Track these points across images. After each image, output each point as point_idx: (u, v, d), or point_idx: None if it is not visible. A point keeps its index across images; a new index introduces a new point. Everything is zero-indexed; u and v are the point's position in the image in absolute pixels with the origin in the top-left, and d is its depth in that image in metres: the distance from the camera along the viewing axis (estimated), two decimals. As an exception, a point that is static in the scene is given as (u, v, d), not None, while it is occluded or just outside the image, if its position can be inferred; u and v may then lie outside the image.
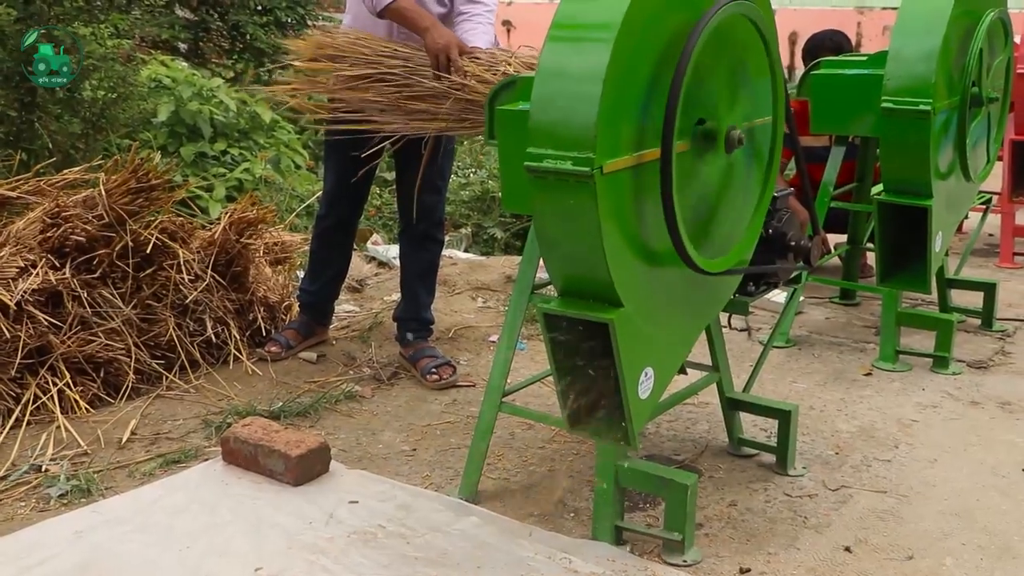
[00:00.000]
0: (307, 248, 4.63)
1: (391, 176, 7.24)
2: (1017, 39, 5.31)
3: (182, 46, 10.58)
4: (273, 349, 4.13)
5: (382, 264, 5.46)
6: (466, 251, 6.05)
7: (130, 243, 3.82)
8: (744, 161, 2.74)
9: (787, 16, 16.95)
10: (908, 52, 3.75)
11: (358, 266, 5.32)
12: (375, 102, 3.54)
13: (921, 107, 3.70)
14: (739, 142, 2.54)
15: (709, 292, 2.78)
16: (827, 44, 5.21)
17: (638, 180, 2.32)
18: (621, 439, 2.46)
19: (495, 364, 2.99)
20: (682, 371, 3.20)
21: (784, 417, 3.21)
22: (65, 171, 4.11)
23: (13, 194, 3.91)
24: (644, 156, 2.31)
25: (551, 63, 2.24)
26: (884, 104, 3.77)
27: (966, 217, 5.68)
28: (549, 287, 2.91)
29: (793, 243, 3.04)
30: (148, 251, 3.86)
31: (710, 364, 3.26)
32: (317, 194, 6.07)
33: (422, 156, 3.72)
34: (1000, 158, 5.72)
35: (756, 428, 3.51)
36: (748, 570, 2.68)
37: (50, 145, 5.33)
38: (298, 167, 7.39)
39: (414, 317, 4.11)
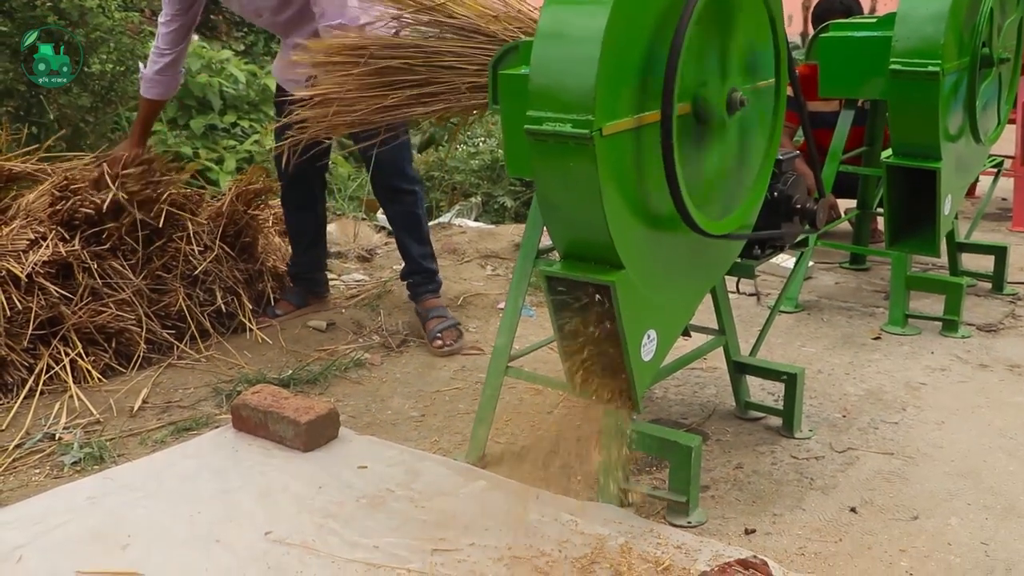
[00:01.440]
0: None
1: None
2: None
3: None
4: (262, 318, 4.21)
5: (392, 233, 5.48)
6: (476, 220, 6.07)
7: (139, 216, 3.85)
8: (748, 123, 2.75)
9: (802, -19, 16.85)
10: (917, 13, 3.73)
11: (367, 236, 5.36)
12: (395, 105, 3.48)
13: (930, 68, 3.68)
14: (741, 104, 2.54)
15: (713, 255, 2.79)
16: (837, 8, 5.19)
17: (639, 142, 2.34)
18: (624, 402, 2.49)
19: (500, 328, 3.03)
20: (686, 334, 3.22)
21: (791, 380, 3.23)
22: (73, 155, 4.15)
23: (21, 167, 3.94)
24: (645, 118, 2.32)
25: (550, 26, 2.25)
26: (892, 66, 3.75)
27: (977, 180, 5.68)
28: (553, 252, 2.93)
29: (799, 206, 3.05)
30: (158, 224, 3.89)
31: (716, 328, 3.28)
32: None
33: None
34: (1012, 121, 5.70)
35: (764, 392, 3.53)
36: (753, 531, 2.71)
37: (59, 119, 5.35)
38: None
39: (416, 270, 4.14)
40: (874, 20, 4.23)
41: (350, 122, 3.42)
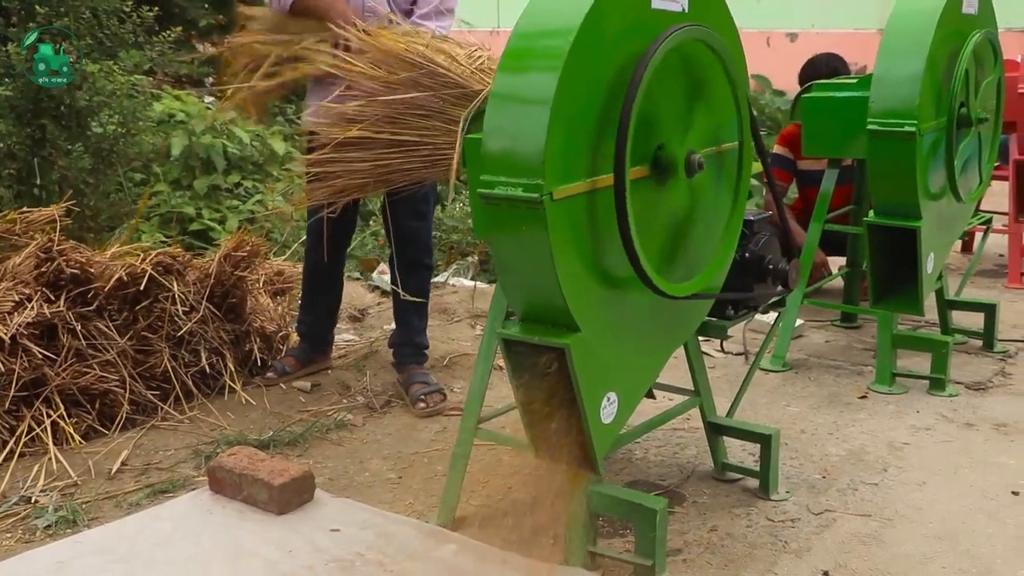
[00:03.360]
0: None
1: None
2: (1018, 59, 5.29)
3: (208, 81, 10.69)
4: (269, 375, 4.20)
5: (385, 293, 5.48)
6: (473, 279, 6.05)
7: (124, 277, 3.87)
8: (711, 185, 2.74)
9: (811, 39, 16.94)
10: (893, 74, 3.75)
11: (361, 295, 5.36)
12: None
13: (906, 129, 3.70)
14: (699, 166, 2.54)
15: (677, 316, 2.78)
16: (822, 69, 5.21)
17: (593, 206, 2.34)
18: (584, 464, 2.47)
19: (470, 391, 3.01)
20: (650, 395, 3.19)
21: (765, 441, 3.19)
22: (42, 209, 4.17)
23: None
24: (599, 181, 2.32)
25: (502, 90, 2.27)
26: (870, 127, 3.77)
27: (964, 238, 5.65)
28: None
29: (771, 266, 3.04)
30: (143, 287, 3.90)
31: (692, 389, 3.25)
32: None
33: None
34: (1004, 178, 5.69)
35: (744, 452, 3.49)
36: (722, 595, 2.67)
37: (60, 181, 5.39)
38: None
39: (407, 342, 4.14)
40: (855, 81, 4.24)
41: (359, 185, 3.47)
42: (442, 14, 3.88)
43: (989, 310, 4.66)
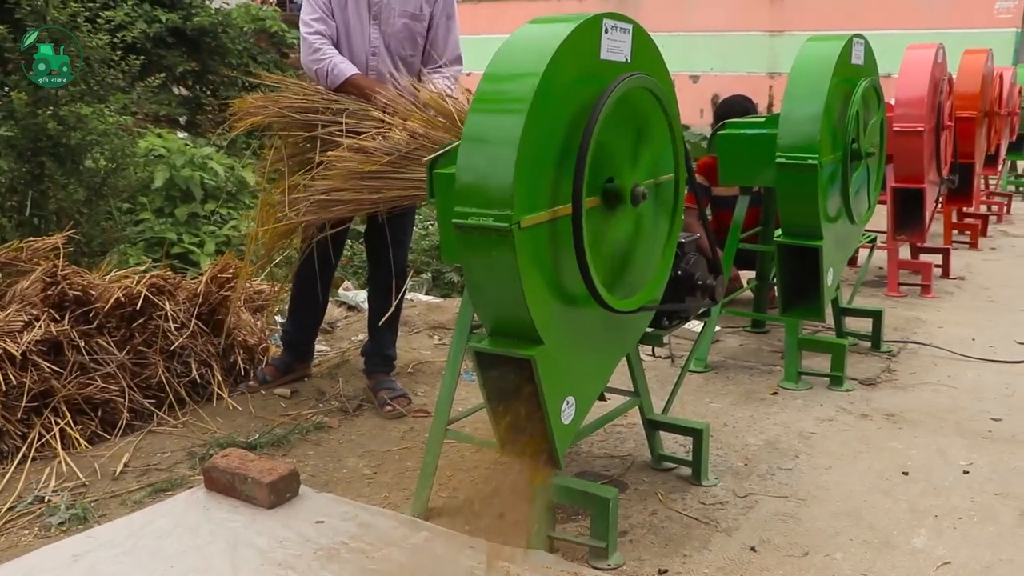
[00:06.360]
0: (284, 296, 4.61)
1: (363, 228, 7.24)
2: (892, 101, 5.41)
3: (181, 120, 10.51)
4: (251, 383, 4.11)
5: (351, 308, 5.43)
6: (427, 294, 6.01)
7: (122, 297, 3.78)
8: (651, 213, 2.75)
9: (710, 81, 17.21)
10: (796, 114, 3.81)
11: (329, 310, 5.26)
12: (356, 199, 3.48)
13: (809, 161, 3.75)
14: (643, 197, 2.55)
15: (624, 328, 2.78)
16: (736, 108, 5.26)
17: (554, 232, 2.33)
18: (547, 460, 2.45)
19: (440, 396, 2.98)
20: (602, 398, 3.18)
21: (697, 435, 3.21)
22: (44, 238, 4.06)
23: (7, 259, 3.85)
24: (559, 211, 2.32)
25: (473, 131, 2.25)
26: (778, 159, 3.82)
27: (857, 252, 5.73)
28: (486, 327, 2.90)
29: (700, 282, 3.05)
30: (139, 306, 3.82)
31: (632, 390, 3.26)
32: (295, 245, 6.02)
33: (385, 215, 3.68)
34: (883, 202, 5.80)
35: (676, 444, 3.51)
36: (665, 571, 2.67)
37: (57, 212, 5.25)
38: (279, 220, 7.33)
39: (378, 353, 4.09)
40: (763, 119, 4.30)
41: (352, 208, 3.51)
42: (453, 62, 3.90)
43: (876, 316, 4.75)
